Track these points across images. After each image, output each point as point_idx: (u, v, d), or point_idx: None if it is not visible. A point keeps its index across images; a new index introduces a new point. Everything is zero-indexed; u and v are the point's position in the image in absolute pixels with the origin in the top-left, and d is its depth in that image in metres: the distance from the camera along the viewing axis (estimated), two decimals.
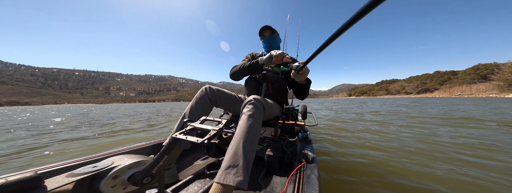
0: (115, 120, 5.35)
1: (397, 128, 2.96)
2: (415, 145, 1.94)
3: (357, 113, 5.76)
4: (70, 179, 0.36)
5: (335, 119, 4.26)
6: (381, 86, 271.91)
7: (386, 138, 2.26)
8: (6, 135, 3.13)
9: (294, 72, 0.81)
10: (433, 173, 1.26)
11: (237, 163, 0.55)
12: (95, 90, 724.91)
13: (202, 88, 0.92)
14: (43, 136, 2.90)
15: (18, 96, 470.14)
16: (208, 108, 0.89)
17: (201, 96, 0.88)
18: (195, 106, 0.85)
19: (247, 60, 1.19)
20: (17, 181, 0.32)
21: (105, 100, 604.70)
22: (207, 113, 0.88)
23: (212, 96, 0.91)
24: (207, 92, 0.90)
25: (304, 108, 1.65)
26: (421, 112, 5.25)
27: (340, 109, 8.04)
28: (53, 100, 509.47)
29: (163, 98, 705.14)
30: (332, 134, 2.59)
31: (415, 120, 3.73)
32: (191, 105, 0.86)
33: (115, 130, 3.41)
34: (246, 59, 1.21)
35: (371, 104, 12.02)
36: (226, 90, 0.99)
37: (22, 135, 3.12)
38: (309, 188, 0.59)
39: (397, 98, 45.28)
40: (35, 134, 3.11)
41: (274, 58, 0.85)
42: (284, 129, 1.37)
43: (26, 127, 4.15)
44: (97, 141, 2.43)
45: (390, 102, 16.31)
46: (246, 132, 0.63)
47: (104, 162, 0.43)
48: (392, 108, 7.24)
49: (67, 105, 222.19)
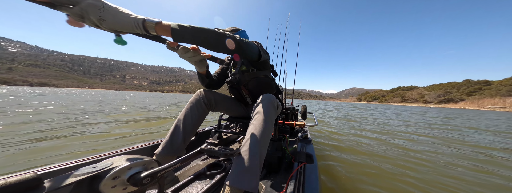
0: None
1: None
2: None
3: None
4: (69, 180, 0.37)
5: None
6: (396, 93, 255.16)
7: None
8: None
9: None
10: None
11: (253, 167, 0.55)
12: (113, 77, 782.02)
13: (198, 92, 0.88)
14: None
15: (47, 78, 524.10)
16: (204, 113, 0.86)
17: (196, 101, 0.84)
18: (189, 111, 0.81)
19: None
20: (16, 182, 0.32)
21: (120, 87, 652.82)
22: (202, 118, 0.85)
23: (208, 100, 0.87)
24: (203, 96, 0.86)
25: (304, 108, 1.62)
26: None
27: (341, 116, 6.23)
28: (76, 84, 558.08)
29: (172, 89, 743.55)
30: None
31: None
32: (185, 110, 0.82)
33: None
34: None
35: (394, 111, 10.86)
36: (220, 92, 0.97)
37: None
38: (309, 188, 0.59)
39: (420, 108, 42.63)
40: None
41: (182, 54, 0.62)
42: (284, 129, 1.36)
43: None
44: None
45: (417, 111, 14.81)
46: (262, 135, 0.61)
47: (104, 163, 0.43)
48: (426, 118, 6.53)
49: (88, 89, 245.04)
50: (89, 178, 0.38)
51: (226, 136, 1.13)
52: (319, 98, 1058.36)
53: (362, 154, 1.81)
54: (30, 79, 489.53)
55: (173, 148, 0.72)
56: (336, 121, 4.74)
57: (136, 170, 0.44)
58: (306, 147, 1.02)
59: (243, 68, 0.96)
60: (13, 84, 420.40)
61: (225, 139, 1.10)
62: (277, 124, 0.94)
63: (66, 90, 48.60)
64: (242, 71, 0.97)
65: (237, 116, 1.03)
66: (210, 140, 1.01)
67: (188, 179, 0.73)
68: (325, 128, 3.41)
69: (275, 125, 0.94)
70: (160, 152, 0.71)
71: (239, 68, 0.96)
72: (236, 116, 1.03)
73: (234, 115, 1.03)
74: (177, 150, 0.73)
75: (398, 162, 1.60)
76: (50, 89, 75.75)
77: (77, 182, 0.37)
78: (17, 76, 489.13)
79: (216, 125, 1.12)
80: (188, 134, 0.77)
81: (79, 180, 0.37)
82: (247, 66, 0.95)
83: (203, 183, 0.73)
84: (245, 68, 0.96)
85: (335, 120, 4.85)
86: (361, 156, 1.71)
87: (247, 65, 0.95)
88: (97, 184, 0.39)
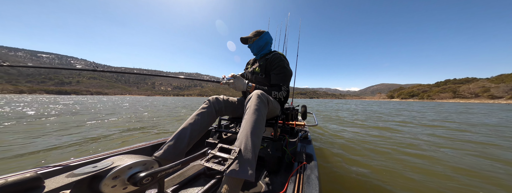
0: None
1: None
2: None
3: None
4: (70, 179, 0.36)
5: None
6: (445, 87, 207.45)
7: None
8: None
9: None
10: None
11: (247, 157, 0.57)
12: (146, 84, 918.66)
13: (209, 99, 0.91)
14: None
15: (101, 88, 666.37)
16: (212, 120, 0.88)
17: (208, 107, 0.87)
18: (200, 118, 0.82)
19: (247, 67, 1.30)
20: (16, 181, 0.32)
21: (151, 92, 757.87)
22: (210, 124, 0.86)
23: (219, 107, 0.90)
24: (214, 103, 0.89)
25: (304, 108, 1.67)
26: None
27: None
28: (120, 91, 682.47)
29: (190, 93, 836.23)
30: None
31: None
32: (195, 116, 0.83)
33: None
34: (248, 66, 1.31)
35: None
36: (231, 97, 1.04)
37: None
38: (309, 188, 0.60)
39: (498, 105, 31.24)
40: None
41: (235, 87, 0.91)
42: (284, 129, 1.36)
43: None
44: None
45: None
46: (253, 126, 0.65)
47: (104, 162, 0.43)
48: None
49: (128, 96, 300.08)
50: (90, 178, 0.38)
51: (226, 136, 1.15)
52: (338, 96, 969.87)
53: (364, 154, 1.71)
54: (91, 89, 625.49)
55: (175, 152, 0.72)
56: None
57: (136, 170, 0.44)
58: (306, 147, 1.00)
59: (256, 69, 1.09)
60: (79, 94, 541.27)
61: (225, 139, 1.12)
62: (277, 124, 0.96)
63: (118, 97, 61.46)
64: (253, 72, 1.11)
65: (240, 117, 1.04)
66: (210, 140, 1.02)
67: (188, 179, 0.73)
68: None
69: (275, 125, 0.96)
70: (160, 155, 0.70)
71: (253, 68, 1.12)
72: (240, 116, 1.04)
73: (239, 116, 1.05)
74: (179, 154, 0.73)
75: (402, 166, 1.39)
76: (107, 97, 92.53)
77: (77, 182, 0.37)
78: (82, 87, 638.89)
79: (216, 125, 1.17)
80: (194, 139, 0.78)
81: (79, 179, 0.36)
82: (260, 70, 1.07)
83: (203, 182, 0.72)
84: (258, 70, 1.08)
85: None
86: (360, 155, 1.65)
87: (261, 69, 1.07)
88: (97, 184, 0.39)
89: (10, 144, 1.93)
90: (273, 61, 1.02)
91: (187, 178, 0.72)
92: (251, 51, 1.15)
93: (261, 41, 1.09)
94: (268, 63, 1.04)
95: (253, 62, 1.24)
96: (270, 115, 0.93)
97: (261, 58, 1.12)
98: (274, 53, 1.07)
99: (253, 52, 1.15)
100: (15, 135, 2.33)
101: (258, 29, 1.11)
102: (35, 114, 4.78)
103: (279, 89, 0.98)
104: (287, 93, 1.02)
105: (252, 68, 1.13)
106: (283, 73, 0.99)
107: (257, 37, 1.08)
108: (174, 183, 0.70)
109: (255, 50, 1.12)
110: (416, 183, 1.16)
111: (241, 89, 0.89)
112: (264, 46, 1.11)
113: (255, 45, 1.09)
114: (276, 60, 1.01)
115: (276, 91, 0.96)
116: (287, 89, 1.02)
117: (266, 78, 1.05)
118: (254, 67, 1.12)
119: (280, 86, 0.99)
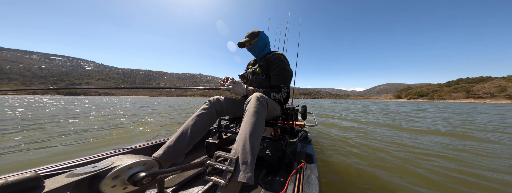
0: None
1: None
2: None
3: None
4: (70, 179, 0.36)
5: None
6: (456, 87, 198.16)
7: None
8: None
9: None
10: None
11: (246, 160, 0.57)
12: (150, 85, 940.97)
13: (210, 100, 0.91)
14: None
15: (108, 89, 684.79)
16: (213, 121, 0.88)
17: (209, 108, 0.87)
18: (200, 119, 0.82)
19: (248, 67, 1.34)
20: (16, 181, 0.32)
21: (155, 93, 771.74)
22: (210, 125, 0.86)
23: (220, 108, 0.91)
24: (215, 104, 0.90)
25: (304, 108, 1.66)
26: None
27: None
28: (126, 92, 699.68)
29: (193, 94, 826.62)
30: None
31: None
32: (196, 117, 0.82)
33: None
34: (249, 66, 1.34)
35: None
36: (232, 97, 1.04)
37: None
38: (309, 188, 0.59)
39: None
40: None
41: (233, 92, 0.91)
42: (284, 129, 1.36)
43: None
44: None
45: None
46: (252, 128, 0.65)
47: (104, 162, 0.43)
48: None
49: (133, 96, 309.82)
50: (89, 178, 0.38)
51: (226, 136, 1.15)
52: (342, 97, 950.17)
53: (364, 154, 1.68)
54: (99, 90, 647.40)
55: (175, 153, 0.72)
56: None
57: (136, 170, 0.44)
58: (306, 147, 1.01)
59: (257, 70, 1.10)
60: (88, 94, 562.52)
61: (225, 139, 1.11)
62: (277, 124, 0.96)
63: (126, 98, 67.74)
64: (253, 72, 1.12)
65: (241, 117, 1.04)
66: (210, 140, 1.02)
67: (188, 179, 0.73)
68: None
69: (275, 125, 0.96)
70: (160, 156, 0.70)
71: (254, 68, 1.13)
72: (240, 117, 1.05)
73: (239, 117, 1.05)
74: (179, 155, 0.73)
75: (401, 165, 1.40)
76: (115, 97, 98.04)
77: (77, 182, 0.37)
78: (91, 88, 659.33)
79: (216, 125, 1.16)
80: (193, 140, 0.79)
81: (79, 179, 0.36)
82: (261, 70, 1.08)
83: (203, 183, 0.73)
84: (259, 70, 1.09)
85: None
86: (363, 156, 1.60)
87: (262, 70, 1.08)
88: (97, 184, 0.39)
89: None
90: (273, 61, 1.03)
91: (187, 178, 0.73)
92: (253, 54, 1.15)
93: (261, 42, 1.09)
94: (268, 64, 1.05)
95: (253, 62, 1.27)
96: (270, 116, 0.94)
97: (261, 59, 1.13)
98: (274, 53, 1.07)
99: (254, 54, 1.15)
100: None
101: (253, 30, 1.10)
102: (95, 113, 5.46)
103: (279, 90, 0.99)
104: (287, 94, 1.03)
105: (253, 69, 1.15)
106: (283, 74, 1.00)
107: (255, 39, 1.08)
108: (174, 183, 0.70)
109: (257, 52, 1.12)
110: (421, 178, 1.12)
111: (240, 94, 0.90)
112: (264, 46, 1.12)
113: (256, 47, 1.09)
114: (276, 61, 1.02)
115: (275, 93, 0.97)
116: (287, 90, 1.02)
117: (266, 78, 1.07)
118: (255, 68, 1.14)
119: (280, 87, 1.00)
